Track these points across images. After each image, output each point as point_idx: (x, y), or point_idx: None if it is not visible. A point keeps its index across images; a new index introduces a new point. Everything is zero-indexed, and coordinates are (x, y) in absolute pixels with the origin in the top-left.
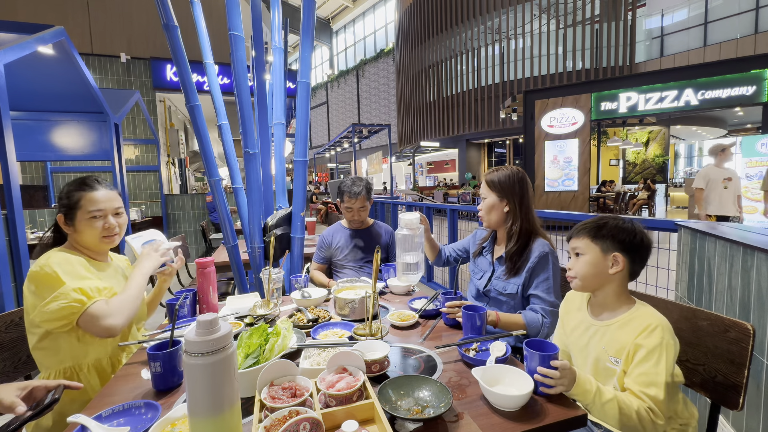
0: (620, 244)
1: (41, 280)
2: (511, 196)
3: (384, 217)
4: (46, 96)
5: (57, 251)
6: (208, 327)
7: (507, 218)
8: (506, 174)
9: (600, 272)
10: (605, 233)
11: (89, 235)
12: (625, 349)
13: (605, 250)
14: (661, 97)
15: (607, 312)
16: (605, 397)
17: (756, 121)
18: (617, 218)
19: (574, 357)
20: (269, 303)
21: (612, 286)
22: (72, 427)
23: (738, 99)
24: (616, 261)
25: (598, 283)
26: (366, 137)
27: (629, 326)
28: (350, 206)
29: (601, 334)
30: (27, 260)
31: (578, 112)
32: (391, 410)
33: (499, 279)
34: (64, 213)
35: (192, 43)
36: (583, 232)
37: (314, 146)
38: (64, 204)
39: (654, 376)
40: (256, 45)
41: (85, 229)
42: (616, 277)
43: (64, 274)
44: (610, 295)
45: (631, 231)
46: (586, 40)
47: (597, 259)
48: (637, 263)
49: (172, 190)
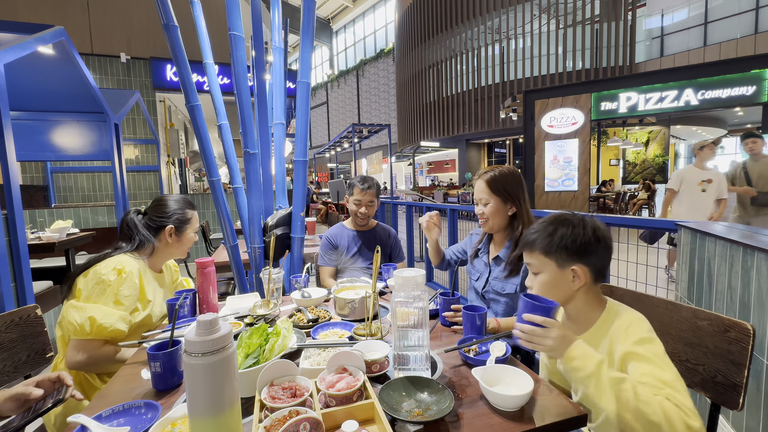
0: (577, 254)
1: (98, 283)
2: (515, 198)
3: (384, 218)
4: (46, 96)
5: (131, 259)
6: (208, 327)
7: (514, 223)
8: (508, 174)
9: (563, 290)
10: (557, 244)
11: (186, 246)
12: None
13: (561, 264)
14: (661, 97)
15: (580, 325)
16: (615, 374)
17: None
18: (565, 220)
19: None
20: (269, 303)
21: (580, 298)
22: (72, 427)
23: (738, 99)
24: (576, 274)
25: (563, 299)
26: (366, 137)
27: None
28: (359, 198)
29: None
30: (27, 260)
31: (578, 112)
32: (391, 412)
33: (497, 279)
34: (176, 226)
35: (192, 43)
36: (534, 247)
37: (314, 146)
38: (180, 219)
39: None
40: (256, 45)
41: (187, 241)
42: (581, 290)
43: (114, 293)
44: (580, 306)
45: (582, 233)
46: (586, 40)
47: (555, 277)
48: (600, 264)
49: (172, 190)
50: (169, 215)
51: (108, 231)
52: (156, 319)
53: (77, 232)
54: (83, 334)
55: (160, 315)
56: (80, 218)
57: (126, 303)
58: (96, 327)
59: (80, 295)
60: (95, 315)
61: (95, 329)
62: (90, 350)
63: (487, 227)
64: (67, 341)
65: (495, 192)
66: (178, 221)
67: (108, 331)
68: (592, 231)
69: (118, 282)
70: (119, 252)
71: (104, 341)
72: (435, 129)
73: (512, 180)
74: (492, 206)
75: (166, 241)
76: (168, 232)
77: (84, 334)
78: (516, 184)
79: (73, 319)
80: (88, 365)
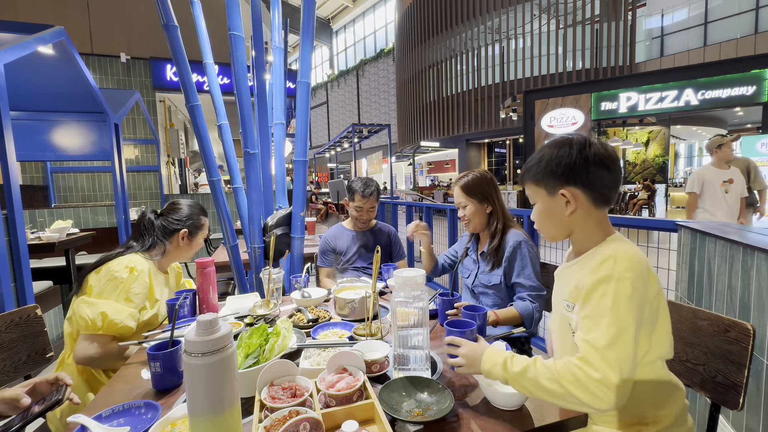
0: (563, 177)
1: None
2: (489, 197)
3: (384, 218)
4: (46, 96)
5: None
6: (208, 327)
7: (491, 219)
8: (478, 177)
9: (557, 219)
10: (543, 170)
11: (194, 250)
12: (577, 290)
13: (551, 190)
14: (661, 97)
15: (579, 254)
16: (518, 365)
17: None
18: (554, 143)
19: (551, 321)
20: (269, 303)
21: (581, 227)
22: (72, 427)
23: (738, 99)
24: (567, 199)
25: (562, 230)
26: (366, 137)
27: (588, 264)
28: (361, 205)
29: (562, 277)
30: (27, 260)
31: (578, 112)
32: (391, 412)
33: (484, 273)
34: (190, 231)
35: (192, 43)
36: (526, 177)
37: (314, 146)
38: (195, 225)
39: (598, 317)
40: (256, 45)
41: (197, 246)
42: (578, 216)
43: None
44: (582, 236)
45: (567, 153)
46: (586, 40)
47: (547, 205)
48: (597, 186)
49: (172, 190)
50: (184, 219)
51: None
52: (161, 318)
53: (77, 232)
54: (94, 329)
55: (165, 315)
56: (80, 218)
57: (136, 301)
58: (107, 322)
59: (91, 291)
60: (107, 310)
61: (106, 324)
62: (99, 345)
63: (471, 227)
64: (75, 337)
65: (470, 195)
66: (193, 226)
67: (118, 327)
68: (578, 149)
69: (130, 279)
70: (131, 251)
71: (113, 337)
72: (435, 129)
73: (484, 182)
74: (470, 208)
75: (178, 243)
76: (181, 235)
77: (95, 328)
78: (488, 185)
79: (85, 314)
80: (97, 360)
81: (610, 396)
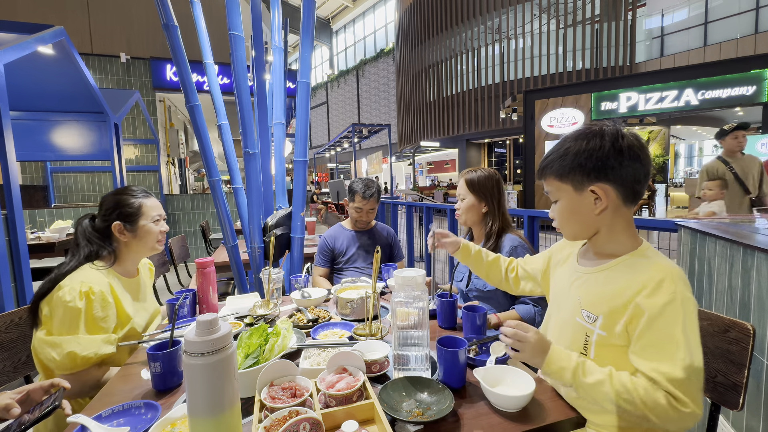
0: (595, 171)
1: (66, 311)
2: (490, 198)
3: (384, 218)
4: (46, 96)
5: (97, 272)
6: (208, 327)
7: (485, 218)
8: (485, 176)
9: (584, 217)
10: (571, 164)
11: (150, 239)
12: (608, 304)
13: (578, 186)
14: (661, 97)
15: (600, 258)
16: (591, 376)
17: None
18: (581, 134)
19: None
20: (269, 303)
21: (608, 226)
22: (72, 427)
23: (738, 99)
24: (597, 196)
25: (588, 229)
26: (366, 137)
27: (621, 276)
28: (361, 206)
29: (581, 282)
30: (27, 260)
31: (578, 112)
32: (391, 412)
33: (479, 278)
34: (123, 221)
35: (192, 43)
36: (547, 171)
37: (314, 146)
38: (125, 213)
39: (669, 345)
40: (256, 45)
41: (146, 234)
42: (606, 214)
43: (88, 319)
44: (607, 237)
45: (599, 145)
46: (586, 40)
47: (573, 202)
48: (629, 181)
49: (171, 190)
50: (110, 211)
51: None
52: (141, 328)
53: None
54: (68, 369)
55: (144, 324)
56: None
57: (105, 324)
58: (81, 359)
59: (48, 323)
60: (75, 349)
61: (81, 362)
62: (79, 381)
63: (461, 220)
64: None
65: (471, 190)
66: (123, 215)
67: (95, 359)
68: (611, 141)
69: (88, 306)
70: (81, 264)
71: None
72: (435, 129)
73: (489, 182)
74: (467, 202)
75: (120, 239)
76: (116, 229)
77: (68, 368)
78: (492, 185)
79: (51, 357)
80: (82, 394)
81: (694, 422)
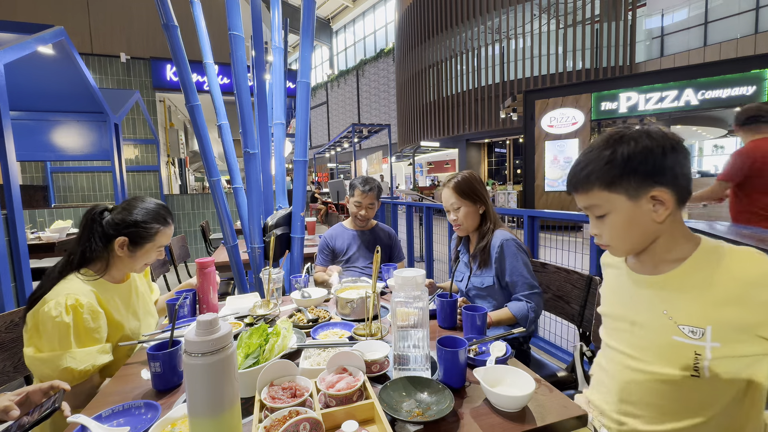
0: (652, 175)
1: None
2: (482, 197)
3: (384, 218)
4: (46, 96)
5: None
6: (208, 327)
7: (483, 220)
8: (468, 178)
9: (644, 227)
10: (622, 170)
11: (141, 263)
12: (714, 312)
13: (634, 194)
14: (661, 97)
15: (660, 264)
16: None
17: None
18: (621, 137)
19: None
20: (269, 303)
21: (669, 233)
22: (72, 427)
23: (738, 99)
24: (658, 201)
25: (646, 240)
26: (366, 137)
27: (709, 276)
28: (360, 201)
29: (655, 293)
30: (27, 260)
31: (578, 112)
32: (391, 412)
33: (476, 276)
34: (131, 239)
35: (192, 43)
36: (590, 183)
37: (314, 146)
38: (139, 234)
39: None
40: (256, 45)
41: (142, 258)
42: (668, 219)
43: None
44: (667, 244)
45: (653, 144)
46: (586, 40)
47: (629, 212)
48: (682, 181)
49: (172, 190)
50: (129, 223)
51: None
52: (135, 334)
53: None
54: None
55: (138, 328)
56: (80, 218)
57: (98, 335)
58: (78, 373)
59: (36, 340)
60: (71, 365)
61: (78, 375)
62: (79, 392)
63: (462, 231)
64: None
65: (464, 197)
66: (137, 235)
67: (92, 370)
68: (661, 139)
69: (77, 320)
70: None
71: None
72: (435, 129)
73: (475, 182)
74: (464, 210)
75: (116, 252)
76: (119, 243)
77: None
78: (479, 185)
79: (46, 374)
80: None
81: None
